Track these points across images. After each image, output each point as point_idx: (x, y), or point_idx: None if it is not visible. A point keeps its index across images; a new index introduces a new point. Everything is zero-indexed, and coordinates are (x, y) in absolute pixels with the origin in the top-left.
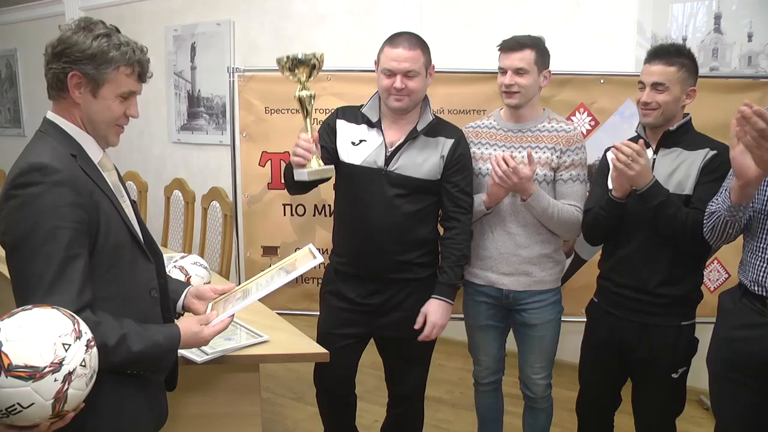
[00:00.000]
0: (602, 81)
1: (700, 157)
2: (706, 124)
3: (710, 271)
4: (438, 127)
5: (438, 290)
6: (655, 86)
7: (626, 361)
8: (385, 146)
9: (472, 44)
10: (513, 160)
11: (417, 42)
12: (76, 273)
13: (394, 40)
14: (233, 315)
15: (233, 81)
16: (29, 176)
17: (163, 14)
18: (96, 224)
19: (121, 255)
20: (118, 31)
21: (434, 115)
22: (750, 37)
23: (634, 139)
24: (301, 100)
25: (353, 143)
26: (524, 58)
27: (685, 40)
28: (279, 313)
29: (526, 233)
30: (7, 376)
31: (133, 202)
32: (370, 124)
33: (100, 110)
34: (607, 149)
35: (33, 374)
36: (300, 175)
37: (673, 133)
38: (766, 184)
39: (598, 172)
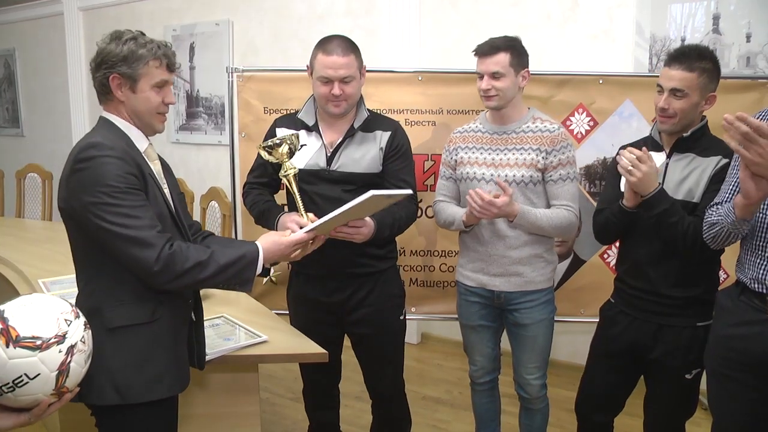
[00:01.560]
0: (601, 81)
1: (711, 164)
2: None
3: None
4: (374, 122)
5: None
6: (674, 92)
7: (640, 362)
8: (325, 147)
9: (470, 44)
10: (487, 195)
11: (349, 46)
12: (150, 217)
13: (326, 46)
14: (314, 228)
15: (232, 81)
16: (87, 152)
17: (162, 14)
18: (144, 191)
19: (163, 223)
20: (143, 34)
21: (368, 110)
22: (748, 37)
23: (645, 140)
24: (288, 180)
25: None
26: (499, 61)
27: (683, 40)
28: (278, 314)
29: (515, 234)
30: (15, 347)
31: (180, 195)
32: (308, 129)
33: (141, 102)
34: (621, 147)
35: (40, 345)
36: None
37: (687, 139)
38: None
39: (609, 172)
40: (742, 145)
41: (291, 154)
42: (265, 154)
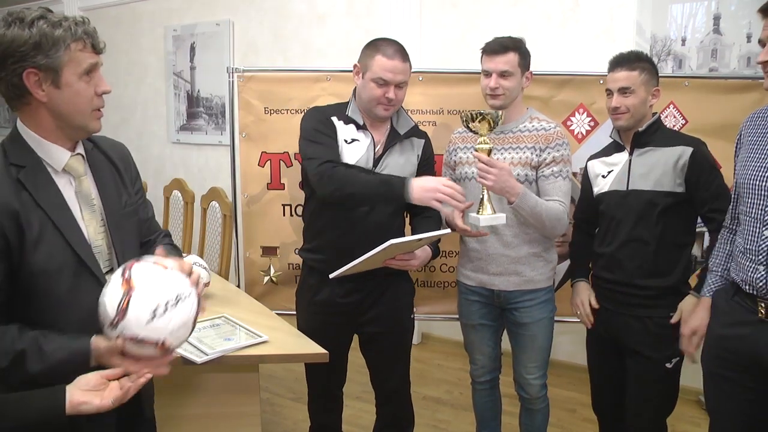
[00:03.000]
0: (601, 81)
1: (674, 154)
2: (705, 124)
3: None
4: (411, 129)
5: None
6: (622, 91)
7: (624, 351)
8: (374, 146)
9: (471, 44)
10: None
11: (406, 53)
12: None
13: (386, 50)
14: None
15: (233, 81)
16: None
17: (163, 14)
18: (18, 248)
19: (55, 280)
20: (49, 10)
21: (412, 120)
22: (749, 37)
23: (611, 146)
24: (478, 155)
25: (346, 141)
26: (509, 61)
27: (684, 40)
28: (278, 314)
29: (512, 233)
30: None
31: (132, 204)
32: (357, 126)
33: (69, 99)
34: (589, 159)
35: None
36: (474, 219)
37: (643, 134)
38: (754, 187)
39: (582, 184)
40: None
41: (489, 129)
42: (468, 119)
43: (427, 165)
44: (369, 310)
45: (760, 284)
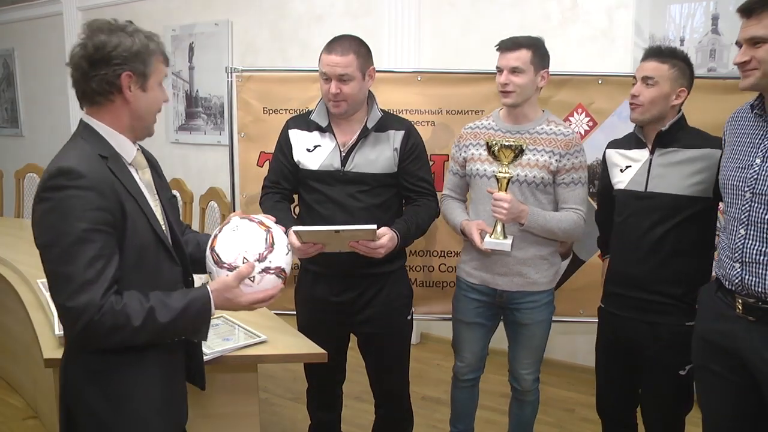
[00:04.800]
0: (600, 82)
1: (702, 157)
2: (704, 124)
3: None
4: (386, 122)
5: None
6: (645, 80)
7: (637, 358)
8: (339, 148)
9: (470, 45)
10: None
11: (351, 46)
12: (105, 272)
13: (330, 45)
14: (301, 233)
15: (231, 81)
16: (56, 180)
17: (161, 14)
18: (122, 226)
19: (145, 256)
20: (131, 22)
21: (381, 110)
22: None
23: (630, 136)
24: (500, 180)
25: (308, 150)
26: (519, 57)
27: (682, 41)
28: (277, 314)
29: (521, 235)
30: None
31: (171, 199)
32: (322, 130)
33: (151, 102)
34: (609, 145)
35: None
36: (487, 243)
37: (667, 133)
38: (731, 187)
39: (602, 170)
40: None
41: (513, 159)
42: (493, 145)
43: (412, 157)
44: (363, 310)
45: (736, 281)
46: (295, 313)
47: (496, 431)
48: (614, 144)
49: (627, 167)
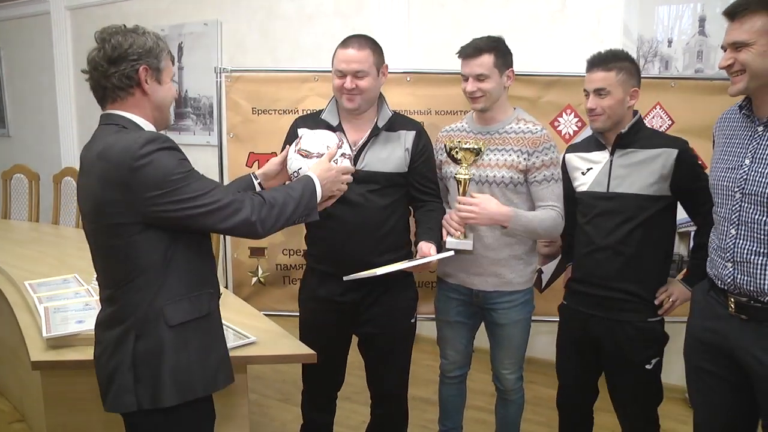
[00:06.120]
0: None
1: (659, 157)
2: (692, 125)
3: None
4: (397, 121)
5: (427, 237)
6: (598, 92)
7: (599, 356)
8: (350, 147)
9: (459, 45)
10: (467, 198)
11: (367, 43)
12: (218, 185)
13: (345, 42)
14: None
15: (220, 81)
16: (147, 147)
17: (150, 14)
18: None
19: None
20: (139, 27)
21: (392, 110)
22: None
23: (589, 139)
24: (461, 182)
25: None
26: (483, 63)
27: (670, 42)
28: (266, 315)
29: (493, 235)
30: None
31: None
32: (332, 129)
33: (166, 94)
34: (568, 149)
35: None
36: (449, 244)
37: (626, 135)
38: (722, 188)
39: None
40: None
41: (473, 161)
42: (452, 149)
43: (423, 158)
44: (367, 310)
45: (728, 280)
46: (284, 314)
47: (485, 430)
48: (573, 148)
49: (588, 169)
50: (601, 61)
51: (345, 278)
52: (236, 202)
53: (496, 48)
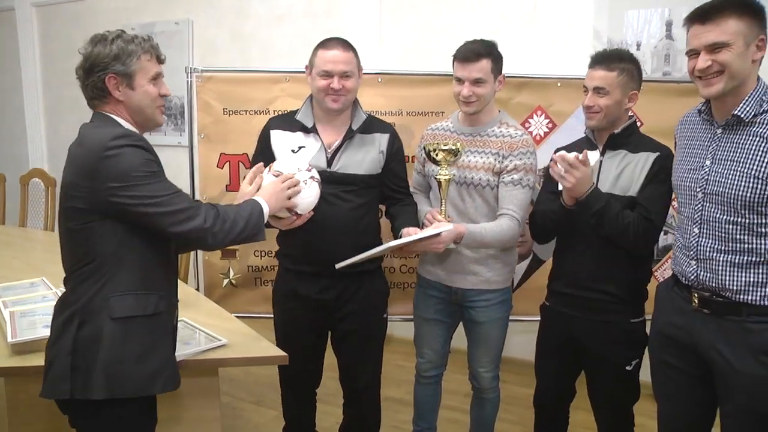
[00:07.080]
0: (559, 84)
1: (643, 159)
2: (661, 127)
3: (665, 270)
4: (371, 124)
5: (409, 224)
6: (597, 90)
7: (580, 357)
8: (325, 149)
9: (430, 46)
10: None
11: (349, 45)
12: (180, 192)
13: (327, 44)
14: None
15: (191, 81)
16: (118, 140)
17: (120, 12)
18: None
19: None
20: (124, 32)
21: (366, 113)
22: None
23: (581, 140)
24: (441, 182)
25: (293, 151)
26: (482, 68)
27: (639, 45)
28: (238, 317)
29: None
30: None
31: None
32: (306, 130)
33: (141, 97)
34: (557, 150)
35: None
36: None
37: (618, 136)
38: (685, 188)
39: (545, 176)
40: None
41: (452, 161)
42: (431, 150)
43: (397, 160)
44: (343, 307)
45: (692, 277)
46: (255, 315)
47: (458, 430)
48: (563, 149)
49: None
50: (604, 60)
51: (337, 266)
52: (192, 209)
53: (492, 53)
